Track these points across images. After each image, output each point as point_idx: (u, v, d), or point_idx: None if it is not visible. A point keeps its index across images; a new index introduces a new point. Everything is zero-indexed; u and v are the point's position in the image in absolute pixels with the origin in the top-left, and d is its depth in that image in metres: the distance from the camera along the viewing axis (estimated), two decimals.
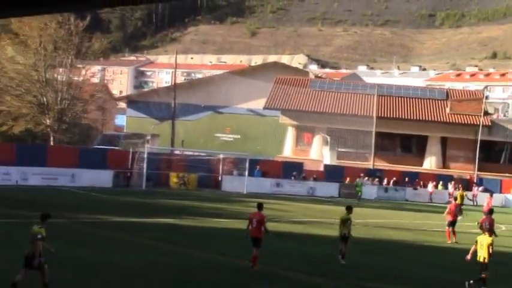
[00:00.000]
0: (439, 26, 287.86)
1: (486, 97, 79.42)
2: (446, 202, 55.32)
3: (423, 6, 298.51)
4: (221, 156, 61.52)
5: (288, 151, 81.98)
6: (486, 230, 22.70)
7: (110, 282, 18.53)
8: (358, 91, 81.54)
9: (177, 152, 66.50)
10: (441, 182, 68.86)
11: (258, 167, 61.50)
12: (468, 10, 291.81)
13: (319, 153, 78.46)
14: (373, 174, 67.89)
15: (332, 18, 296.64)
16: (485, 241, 20.78)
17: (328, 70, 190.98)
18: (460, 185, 65.85)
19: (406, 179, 68.59)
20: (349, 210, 24.46)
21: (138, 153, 55.27)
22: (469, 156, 76.75)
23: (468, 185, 70.25)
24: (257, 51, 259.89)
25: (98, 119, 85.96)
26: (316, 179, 64.22)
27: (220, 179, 59.47)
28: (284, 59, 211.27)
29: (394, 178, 68.08)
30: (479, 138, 74.46)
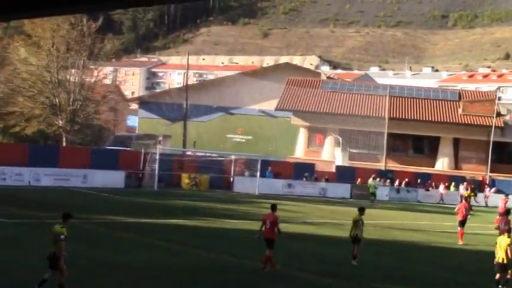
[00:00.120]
0: (452, 27, 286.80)
1: (499, 98, 79.14)
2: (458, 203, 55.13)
3: (436, 7, 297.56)
4: (233, 157, 61.55)
5: (300, 152, 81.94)
6: (504, 231, 22.56)
7: (122, 282, 18.59)
8: (370, 92, 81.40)
9: (189, 153, 66.61)
10: (453, 183, 68.64)
11: (270, 168, 61.48)
12: (481, 11, 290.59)
13: (331, 154, 78.38)
14: (384, 175, 67.76)
15: (344, 19, 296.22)
16: (504, 242, 20.65)
17: (340, 71, 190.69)
18: (468, 186, 65.71)
19: (419, 180, 68.41)
20: (361, 211, 24.37)
21: (150, 154, 55.32)
22: (482, 157, 76.51)
23: (480, 186, 70.04)
24: (269, 52, 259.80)
25: (110, 120, 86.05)
26: (327, 180, 64.14)
27: (232, 180, 59.49)
28: (296, 60, 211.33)
29: (406, 179, 67.92)
30: (491, 139, 74.21)
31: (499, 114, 77.97)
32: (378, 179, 63.88)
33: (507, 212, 29.90)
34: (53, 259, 15.95)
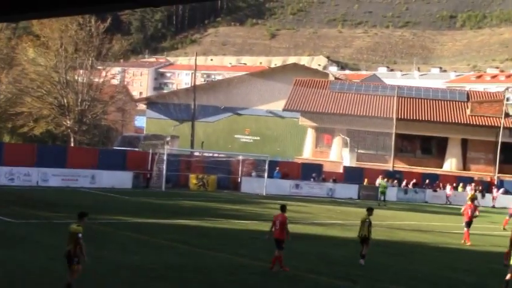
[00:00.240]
0: (460, 28, 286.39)
1: (507, 99, 78.90)
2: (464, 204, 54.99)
3: (444, 7, 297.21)
4: (240, 157, 61.56)
5: (308, 153, 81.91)
6: None
7: (130, 282, 18.59)
8: (378, 93, 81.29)
9: (197, 154, 66.59)
10: (461, 184, 68.47)
11: (278, 169, 61.44)
12: (490, 11, 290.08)
13: (338, 154, 78.34)
14: (392, 176, 67.62)
15: (352, 19, 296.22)
16: None
17: (348, 72, 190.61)
18: (474, 187, 65.61)
19: (427, 181, 68.25)
20: (369, 211, 24.35)
21: (158, 154, 55.34)
22: (490, 158, 76.37)
23: (489, 187, 69.90)
24: (277, 52, 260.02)
25: (118, 121, 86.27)
26: (335, 181, 64.06)
27: (239, 181, 59.47)
28: (304, 61, 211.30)
29: (414, 180, 67.78)
30: (500, 140, 74.06)
31: (508, 115, 77.75)
32: (385, 180, 63.78)
33: None
34: (71, 257, 16.00)
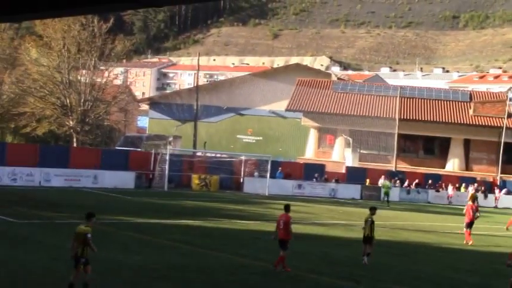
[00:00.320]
0: (463, 28, 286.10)
1: (510, 99, 78.72)
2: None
3: (447, 7, 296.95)
4: (243, 157, 61.54)
5: (310, 153, 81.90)
6: None
7: (132, 282, 18.58)
8: (380, 93, 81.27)
9: (199, 154, 66.59)
10: (464, 184, 68.40)
11: (280, 169, 61.40)
12: (492, 11, 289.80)
13: (341, 155, 78.32)
14: (395, 176, 67.58)
15: (355, 20, 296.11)
16: None
17: (350, 72, 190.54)
18: (476, 187, 65.58)
19: (430, 181, 68.17)
20: (372, 211, 24.42)
21: (160, 154, 55.36)
22: (492, 158, 76.34)
23: (491, 188, 69.87)
24: (279, 53, 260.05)
25: (121, 121, 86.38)
26: (338, 181, 64.02)
27: (242, 181, 59.44)
28: (306, 61, 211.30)
29: (417, 180, 67.72)
30: (502, 140, 74.00)
31: (510, 115, 77.67)
32: (390, 180, 63.73)
33: None
34: (78, 258, 16.02)
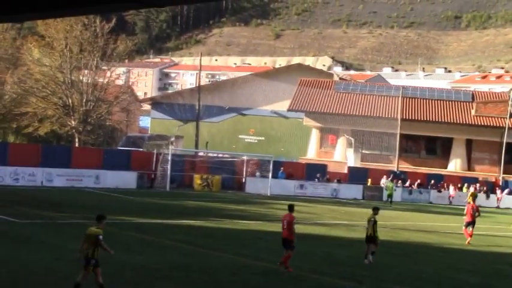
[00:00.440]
0: (465, 28, 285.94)
1: None
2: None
3: (449, 7, 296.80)
4: (245, 158, 61.53)
5: (312, 153, 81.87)
6: None
7: (134, 283, 18.59)
8: (382, 93, 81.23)
9: (201, 154, 66.60)
10: (466, 185, 68.36)
11: (282, 169, 61.39)
12: (495, 12, 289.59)
13: (343, 155, 78.28)
14: (397, 176, 67.54)
15: (357, 20, 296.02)
16: None
17: (352, 72, 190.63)
18: (478, 187, 65.55)
19: (432, 182, 68.14)
20: (375, 210, 24.54)
21: (162, 154, 55.36)
22: (494, 158, 76.26)
23: (493, 188, 69.85)
24: (281, 53, 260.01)
25: (123, 121, 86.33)
26: (340, 181, 64.02)
27: (244, 181, 59.44)
28: (308, 61, 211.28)
29: (419, 180, 67.69)
30: (504, 140, 73.94)
31: None
32: (394, 180, 63.69)
33: None
34: (88, 259, 16.06)
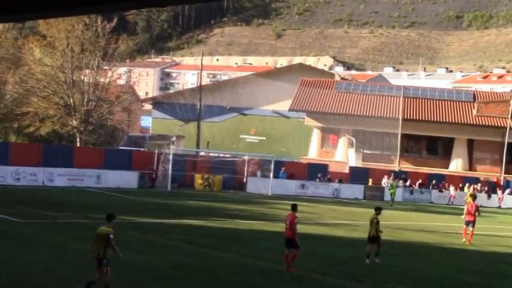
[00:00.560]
0: (466, 28, 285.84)
1: None
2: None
3: (450, 7, 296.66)
4: (246, 157, 61.53)
5: (313, 153, 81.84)
6: None
7: (135, 282, 18.61)
8: (384, 93, 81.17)
9: (202, 154, 66.63)
10: (467, 185, 68.32)
11: (283, 169, 61.39)
12: (496, 11, 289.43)
13: (344, 155, 78.23)
14: (398, 176, 67.52)
15: (358, 20, 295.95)
16: None
17: (353, 72, 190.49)
18: (474, 187, 65.55)
19: (433, 182, 68.10)
20: (377, 211, 24.58)
21: (164, 154, 55.37)
22: (496, 158, 76.19)
23: (495, 188, 69.81)
24: (283, 53, 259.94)
25: (124, 121, 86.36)
26: (341, 181, 64.00)
27: (245, 181, 59.44)
28: (310, 61, 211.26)
29: (420, 180, 67.66)
30: (506, 140, 73.89)
31: None
32: (396, 180, 63.63)
33: None
34: (100, 259, 16.10)
